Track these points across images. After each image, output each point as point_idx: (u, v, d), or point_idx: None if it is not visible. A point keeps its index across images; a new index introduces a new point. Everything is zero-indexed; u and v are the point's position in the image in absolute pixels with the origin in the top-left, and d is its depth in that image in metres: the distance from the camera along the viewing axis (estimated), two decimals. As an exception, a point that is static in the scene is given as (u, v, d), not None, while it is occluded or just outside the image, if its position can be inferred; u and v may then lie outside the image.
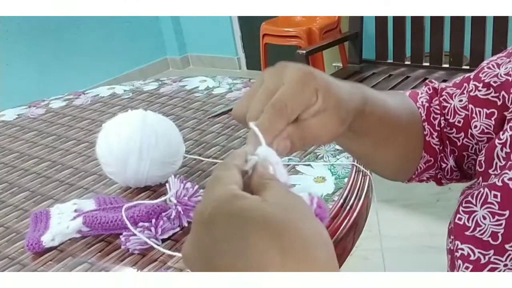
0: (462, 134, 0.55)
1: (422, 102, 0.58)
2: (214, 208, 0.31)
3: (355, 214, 0.73)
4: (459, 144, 0.56)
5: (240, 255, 0.29)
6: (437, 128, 0.57)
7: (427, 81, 0.61)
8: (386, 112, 0.52)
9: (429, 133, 0.56)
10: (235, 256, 0.30)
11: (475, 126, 0.53)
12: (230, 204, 0.31)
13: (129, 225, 0.69)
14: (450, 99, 0.56)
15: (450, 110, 0.56)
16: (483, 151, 0.49)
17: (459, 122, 0.55)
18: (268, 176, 0.35)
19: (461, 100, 0.55)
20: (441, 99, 0.57)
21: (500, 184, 0.43)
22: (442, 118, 0.57)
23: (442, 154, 0.57)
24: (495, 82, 0.51)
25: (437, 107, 0.57)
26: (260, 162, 0.36)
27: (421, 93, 0.59)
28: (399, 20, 2.35)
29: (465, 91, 0.55)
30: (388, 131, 0.53)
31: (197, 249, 0.32)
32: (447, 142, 0.56)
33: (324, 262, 0.30)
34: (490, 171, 0.47)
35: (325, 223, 0.34)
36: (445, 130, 0.56)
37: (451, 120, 0.56)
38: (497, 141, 0.47)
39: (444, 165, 0.58)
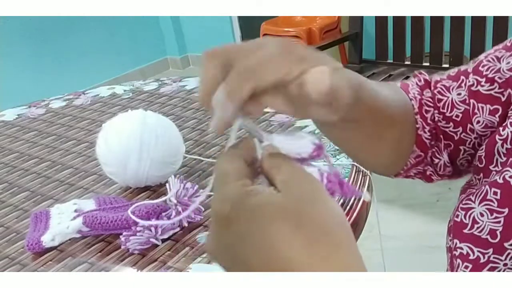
0: (460, 128, 0.53)
1: (414, 94, 0.55)
2: (232, 207, 0.32)
3: (355, 214, 0.73)
4: (456, 138, 0.54)
5: (265, 250, 0.31)
6: (429, 121, 0.54)
7: (416, 72, 0.59)
8: (381, 101, 0.50)
9: (421, 127, 0.54)
10: (261, 252, 0.31)
11: (478, 122, 0.52)
12: (245, 202, 0.32)
13: (138, 221, 0.69)
14: (447, 92, 0.54)
15: (447, 104, 0.54)
16: (483, 146, 0.49)
17: (457, 116, 0.53)
18: (279, 156, 0.36)
19: (459, 94, 0.53)
20: (435, 91, 0.55)
21: (501, 181, 0.43)
22: (437, 111, 0.55)
23: (434, 149, 0.55)
24: (500, 78, 0.50)
25: (430, 99, 0.55)
26: (268, 148, 0.37)
27: (412, 85, 0.57)
28: (399, 20, 2.35)
29: (463, 85, 0.54)
30: (381, 122, 0.51)
31: (221, 247, 0.33)
32: (441, 136, 0.54)
33: (343, 243, 0.32)
34: (490, 167, 0.47)
35: (337, 195, 0.36)
36: (439, 124, 0.54)
37: (447, 114, 0.54)
38: (497, 136, 0.47)
39: (436, 160, 0.56)
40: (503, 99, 0.50)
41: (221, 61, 0.37)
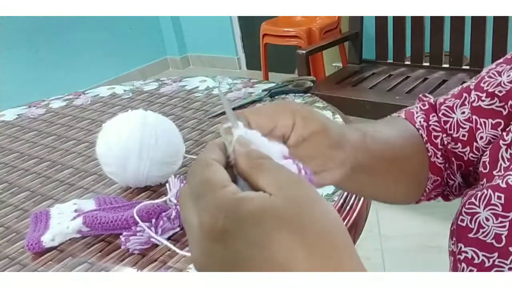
0: (468, 148, 0.54)
1: (420, 122, 0.56)
2: (226, 218, 0.29)
3: (355, 214, 0.73)
4: (465, 158, 0.54)
5: (264, 259, 0.29)
6: (440, 146, 0.55)
7: (420, 96, 0.59)
8: (388, 145, 0.50)
9: (433, 154, 0.55)
10: (260, 262, 0.29)
11: (481, 137, 0.52)
12: (240, 210, 0.29)
13: (140, 223, 0.69)
14: (452, 113, 0.55)
15: (452, 125, 0.54)
16: (487, 152, 0.49)
17: (463, 136, 0.54)
18: (256, 155, 0.33)
19: (463, 112, 0.54)
20: (440, 114, 0.56)
21: (504, 185, 0.43)
22: (445, 134, 0.55)
23: (448, 171, 0.56)
24: (500, 91, 0.50)
25: (437, 124, 0.55)
26: (238, 142, 0.33)
27: (416, 112, 0.57)
28: (399, 20, 2.35)
29: (466, 102, 0.54)
30: (395, 165, 0.52)
31: (215, 263, 0.30)
32: (453, 158, 0.55)
33: (344, 245, 0.30)
34: (494, 172, 0.47)
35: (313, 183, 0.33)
36: (449, 146, 0.55)
37: (455, 135, 0.54)
38: (501, 142, 0.47)
39: (451, 182, 0.56)
40: (504, 112, 0.50)
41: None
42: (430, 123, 0.56)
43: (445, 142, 0.55)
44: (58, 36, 3.50)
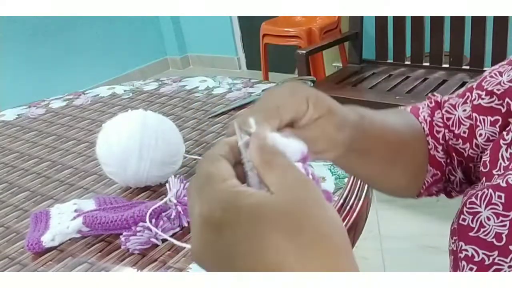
0: (468, 145, 0.55)
1: (424, 116, 0.57)
2: (223, 210, 0.30)
3: (355, 214, 0.73)
4: (465, 155, 0.55)
5: (256, 256, 0.29)
6: (441, 141, 0.56)
7: (429, 95, 0.61)
8: (387, 128, 0.52)
9: (433, 147, 0.56)
10: (252, 258, 0.29)
11: (480, 135, 0.53)
12: (237, 204, 0.30)
13: (147, 220, 0.69)
14: (454, 110, 0.56)
15: (454, 121, 0.56)
16: (488, 151, 0.49)
17: (464, 132, 0.55)
18: (269, 150, 0.33)
19: (464, 110, 0.55)
20: (443, 111, 0.57)
21: (504, 185, 0.43)
22: (447, 130, 0.56)
23: (449, 167, 0.57)
24: (498, 90, 0.51)
25: (440, 120, 0.57)
26: (255, 135, 0.34)
27: (422, 108, 0.59)
28: (399, 20, 2.35)
29: (468, 101, 0.55)
30: (391, 148, 0.53)
31: (209, 253, 0.31)
32: (454, 154, 0.56)
33: (340, 250, 0.30)
34: (494, 171, 0.47)
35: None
36: (450, 142, 0.56)
37: (456, 132, 0.55)
38: (501, 141, 0.47)
39: (452, 177, 0.57)
40: (503, 110, 0.51)
41: None
42: (434, 118, 0.57)
43: (447, 138, 0.56)
44: (58, 36, 3.50)
